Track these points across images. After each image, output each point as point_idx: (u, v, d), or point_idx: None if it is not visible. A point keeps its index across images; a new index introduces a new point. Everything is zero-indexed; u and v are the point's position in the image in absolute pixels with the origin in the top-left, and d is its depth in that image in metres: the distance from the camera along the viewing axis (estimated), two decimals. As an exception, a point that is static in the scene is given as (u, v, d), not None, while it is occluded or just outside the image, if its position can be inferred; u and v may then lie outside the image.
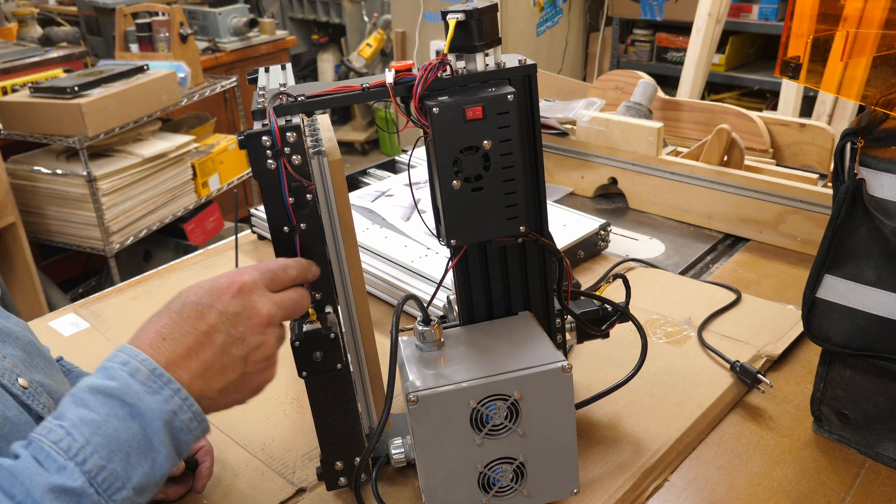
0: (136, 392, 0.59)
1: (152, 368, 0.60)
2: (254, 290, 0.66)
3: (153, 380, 0.60)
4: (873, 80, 0.85)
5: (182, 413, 0.61)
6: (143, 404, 0.59)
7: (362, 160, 5.10)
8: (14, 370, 0.70)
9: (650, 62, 3.90)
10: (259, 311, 0.66)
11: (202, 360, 0.63)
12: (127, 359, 0.60)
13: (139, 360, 0.60)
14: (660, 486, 0.86)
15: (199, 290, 0.65)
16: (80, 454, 0.56)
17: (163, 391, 0.60)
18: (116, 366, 0.60)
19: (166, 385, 0.60)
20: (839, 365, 0.87)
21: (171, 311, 0.64)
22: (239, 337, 0.65)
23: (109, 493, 0.56)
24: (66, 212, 2.71)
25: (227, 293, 0.65)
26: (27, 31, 3.63)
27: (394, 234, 1.37)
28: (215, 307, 0.64)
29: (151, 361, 0.60)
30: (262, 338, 0.66)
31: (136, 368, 0.60)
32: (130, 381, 0.59)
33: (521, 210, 0.76)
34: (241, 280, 0.66)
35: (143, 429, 0.59)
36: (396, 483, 0.87)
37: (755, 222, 1.39)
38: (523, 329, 0.83)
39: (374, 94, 0.74)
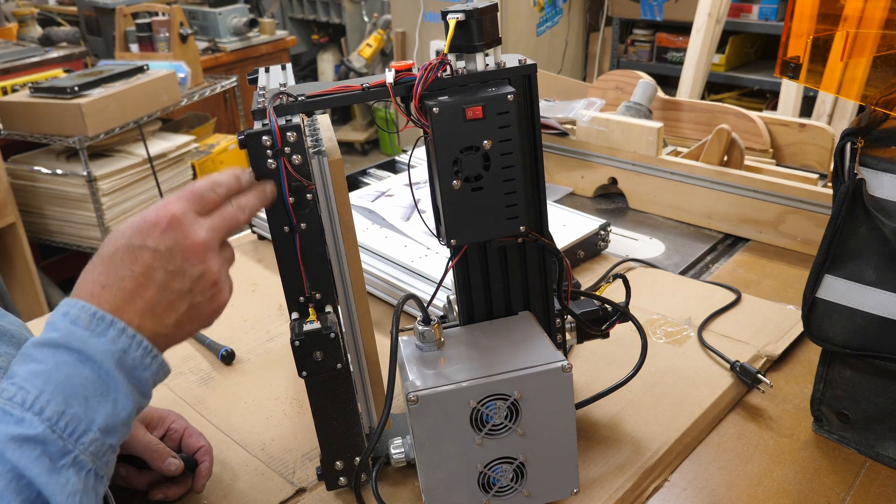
0: (81, 338, 0.58)
1: (92, 313, 0.59)
2: (183, 219, 0.63)
3: (95, 323, 0.59)
4: (873, 80, 0.85)
5: (132, 350, 0.60)
6: (89, 348, 0.58)
7: (362, 160, 5.10)
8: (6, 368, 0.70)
9: (650, 62, 3.90)
10: (193, 240, 0.63)
11: (146, 299, 0.62)
12: (66, 309, 0.60)
13: (78, 308, 0.60)
14: (660, 486, 0.86)
15: (126, 230, 0.63)
16: (36, 404, 0.55)
17: (107, 332, 0.59)
18: (57, 318, 0.60)
19: (110, 326, 0.60)
20: (839, 365, 0.87)
21: (104, 257, 0.62)
22: (177, 271, 0.63)
23: (75, 436, 0.56)
24: (66, 212, 2.71)
25: (157, 229, 0.63)
26: (27, 31, 3.63)
27: (394, 234, 1.37)
28: (147, 246, 0.62)
29: (90, 307, 0.60)
30: (203, 266, 0.64)
31: (76, 316, 0.59)
32: (72, 328, 0.59)
33: (521, 210, 0.76)
34: (169, 212, 0.63)
35: (95, 372, 0.58)
36: (396, 483, 0.87)
37: (755, 222, 1.39)
38: (523, 329, 0.83)
39: (374, 94, 0.74)
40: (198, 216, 0.65)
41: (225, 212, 0.67)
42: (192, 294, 0.64)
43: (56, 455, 0.55)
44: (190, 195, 0.65)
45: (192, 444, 0.88)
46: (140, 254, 0.62)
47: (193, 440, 0.88)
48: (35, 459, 0.54)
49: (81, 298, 0.61)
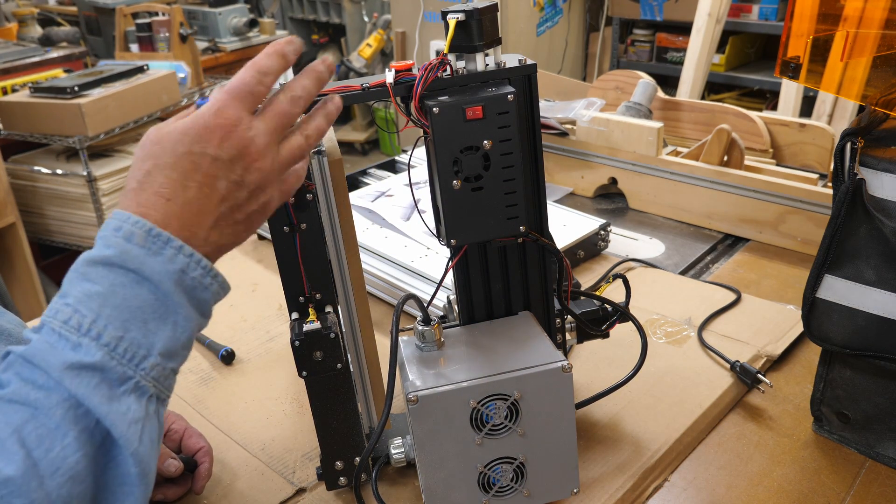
0: (136, 256, 0.55)
1: (147, 230, 0.56)
2: (240, 124, 0.59)
3: (151, 241, 0.56)
4: (873, 80, 0.85)
5: (191, 270, 0.57)
6: (146, 268, 0.55)
7: (362, 160, 5.10)
8: None
9: (650, 62, 3.90)
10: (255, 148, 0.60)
11: (210, 212, 0.58)
12: (119, 224, 0.56)
13: (131, 223, 0.56)
14: (660, 486, 0.86)
15: (182, 137, 0.59)
16: (93, 329, 0.53)
17: (164, 251, 0.56)
18: (109, 234, 0.56)
19: (166, 244, 0.56)
20: (839, 365, 0.87)
21: (164, 165, 0.58)
22: (239, 181, 0.60)
23: (135, 362, 0.54)
24: (66, 212, 2.71)
25: (216, 135, 0.59)
26: (27, 31, 3.63)
27: (394, 234, 1.37)
28: (207, 153, 0.58)
29: (144, 222, 0.56)
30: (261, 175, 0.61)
31: (130, 232, 0.55)
32: (127, 245, 0.55)
33: (521, 210, 0.76)
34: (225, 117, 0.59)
35: (153, 293, 0.55)
36: (396, 483, 0.87)
37: (755, 222, 1.39)
38: (523, 329, 0.83)
39: (374, 93, 0.74)
40: (251, 116, 0.61)
41: (278, 108, 0.62)
42: (248, 203, 0.61)
43: (116, 382, 0.53)
44: (239, 92, 0.60)
45: (192, 445, 0.88)
46: (201, 161, 0.58)
47: (193, 441, 0.88)
48: (94, 388, 0.52)
49: (141, 211, 0.56)
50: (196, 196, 0.58)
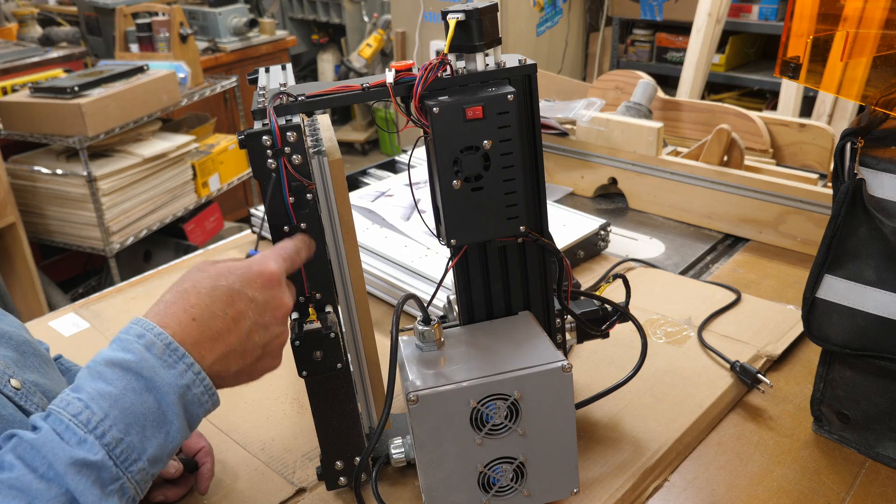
0: (152, 366, 0.60)
1: (167, 343, 0.61)
2: (280, 280, 0.68)
3: (168, 354, 0.61)
4: (873, 80, 0.85)
5: (195, 387, 0.62)
6: (158, 378, 0.60)
7: (362, 160, 5.10)
8: (6, 371, 0.70)
9: (650, 62, 3.90)
10: (284, 302, 0.68)
11: (227, 343, 0.64)
12: (142, 332, 0.61)
13: (154, 334, 0.61)
14: (660, 486, 0.86)
15: (228, 274, 0.66)
16: (100, 427, 0.57)
17: (177, 365, 0.61)
18: (132, 338, 0.61)
19: (181, 360, 0.61)
20: (839, 365, 0.87)
21: (201, 291, 0.65)
22: (264, 325, 0.66)
23: (126, 464, 0.57)
24: (66, 212, 2.71)
25: (258, 281, 0.66)
26: (27, 31, 3.63)
27: (394, 234, 1.37)
28: (245, 294, 0.65)
29: (166, 335, 0.61)
30: (283, 328, 0.69)
31: (151, 342, 0.61)
32: (146, 354, 0.60)
33: (521, 210, 0.76)
34: (270, 270, 0.67)
35: (157, 402, 0.60)
36: (396, 483, 0.87)
37: (755, 222, 1.39)
38: (523, 329, 0.83)
39: (374, 93, 0.74)
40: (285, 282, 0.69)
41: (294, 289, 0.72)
42: (263, 350, 0.67)
43: (107, 481, 0.56)
44: (284, 254, 0.69)
45: (193, 446, 0.88)
46: (237, 299, 0.65)
47: (193, 441, 0.88)
48: (90, 485, 0.55)
49: (165, 323, 0.62)
50: (221, 326, 0.64)
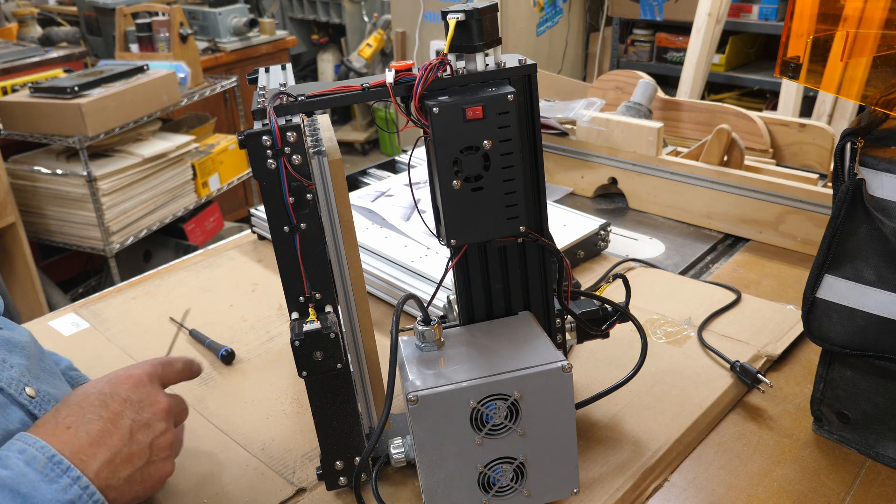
0: (31, 481, 0.56)
1: (50, 456, 0.58)
2: (150, 381, 0.68)
3: (50, 468, 0.57)
4: (873, 80, 0.85)
5: (81, 501, 0.58)
6: (38, 494, 0.56)
7: (362, 160, 5.10)
8: (21, 379, 0.68)
9: (650, 62, 3.90)
10: (159, 399, 0.68)
11: (110, 446, 0.61)
12: (23, 446, 0.58)
13: (36, 448, 0.58)
14: (660, 486, 0.86)
15: (96, 383, 0.66)
16: None
17: (60, 479, 0.57)
18: (12, 454, 0.57)
19: (64, 473, 0.58)
20: (839, 365, 0.87)
21: (71, 403, 0.63)
22: (145, 422, 0.65)
23: None
24: (66, 212, 2.71)
25: (128, 382, 0.66)
26: (27, 31, 3.63)
27: (394, 234, 1.37)
28: (118, 394, 0.65)
29: (49, 448, 0.58)
30: (166, 424, 0.67)
31: (32, 456, 0.57)
32: (26, 469, 0.56)
33: (521, 210, 0.76)
34: (137, 372, 0.68)
35: None
36: (396, 483, 0.87)
37: (755, 222, 1.39)
38: (523, 329, 0.83)
39: (374, 93, 0.74)
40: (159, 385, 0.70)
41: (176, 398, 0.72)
42: (150, 450, 0.66)
43: None
44: (154, 361, 0.71)
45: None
46: (111, 401, 0.64)
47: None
48: None
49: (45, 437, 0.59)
50: (99, 427, 0.62)
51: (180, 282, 1.38)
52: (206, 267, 1.43)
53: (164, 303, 1.31)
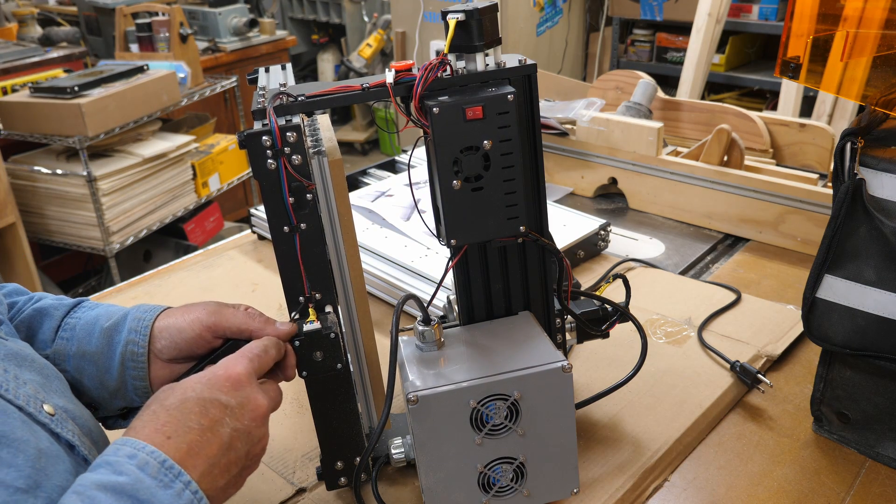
0: (148, 487, 0.55)
1: (161, 461, 0.57)
2: (249, 380, 0.66)
3: (163, 473, 0.56)
4: (873, 80, 0.85)
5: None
6: (156, 501, 0.55)
7: (362, 160, 5.10)
8: (37, 396, 0.65)
9: (650, 62, 3.90)
10: (259, 402, 0.65)
11: (208, 456, 0.60)
12: (133, 451, 0.56)
13: (146, 453, 0.57)
14: (660, 486, 0.86)
15: (195, 384, 0.63)
16: None
17: (174, 485, 0.56)
18: (123, 459, 0.56)
19: (177, 478, 0.57)
20: (839, 365, 0.87)
21: (170, 407, 0.61)
22: (245, 430, 0.63)
23: None
24: (66, 212, 2.71)
25: (226, 385, 0.64)
26: (27, 31, 3.63)
27: (394, 234, 1.37)
28: (218, 399, 0.62)
29: (159, 453, 0.57)
30: (263, 430, 0.65)
31: (144, 461, 0.56)
32: (140, 475, 0.55)
33: (521, 210, 0.76)
34: (237, 371, 0.65)
35: None
36: (396, 483, 0.87)
37: (755, 222, 1.39)
38: (523, 329, 0.83)
39: (374, 93, 0.74)
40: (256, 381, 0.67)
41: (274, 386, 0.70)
42: (246, 458, 0.64)
43: None
44: (250, 355, 0.68)
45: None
46: (211, 407, 0.61)
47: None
48: None
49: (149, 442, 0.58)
50: (197, 439, 0.60)
51: (180, 282, 1.38)
52: (206, 267, 1.43)
53: (164, 303, 1.30)
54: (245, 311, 0.77)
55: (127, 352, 0.76)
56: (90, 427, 0.70)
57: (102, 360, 0.76)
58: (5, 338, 0.70)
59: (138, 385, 0.77)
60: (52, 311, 0.80)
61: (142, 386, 0.77)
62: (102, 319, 0.79)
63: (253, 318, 0.76)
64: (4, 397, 0.60)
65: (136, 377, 0.76)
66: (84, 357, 0.77)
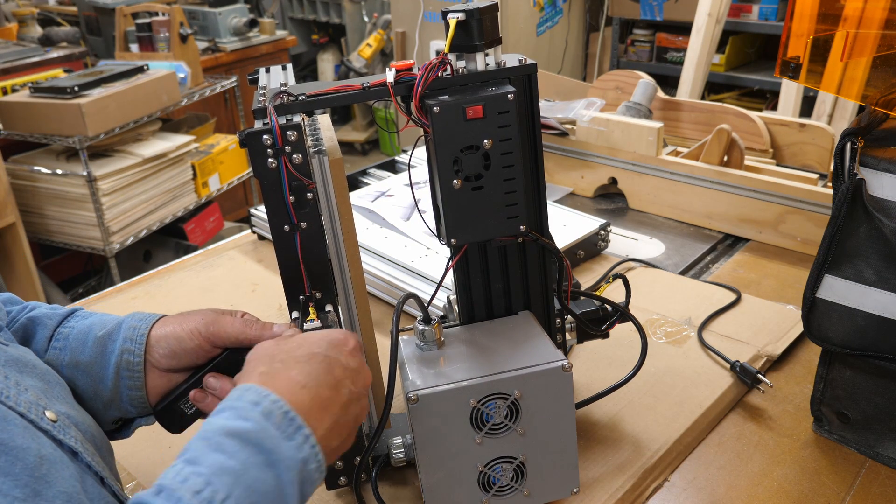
0: (273, 437, 0.55)
1: (285, 411, 0.57)
2: (360, 350, 0.67)
3: (287, 423, 0.57)
4: (873, 80, 0.86)
5: (311, 462, 0.57)
6: (280, 451, 0.55)
7: (362, 160, 5.10)
8: (39, 403, 0.64)
9: (650, 62, 3.90)
10: (367, 372, 0.66)
11: (332, 413, 0.60)
12: (257, 398, 0.57)
13: (270, 401, 0.57)
14: (660, 486, 0.86)
15: (319, 341, 0.64)
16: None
17: (296, 437, 0.57)
18: (246, 405, 0.56)
19: (298, 431, 0.57)
20: (839, 365, 0.87)
21: (300, 359, 0.61)
22: (358, 395, 0.64)
23: None
24: (66, 212, 2.71)
25: (346, 348, 0.64)
26: (27, 31, 3.63)
27: (394, 234, 1.37)
28: (340, 361, 0.63)
29: (283, 402, 0.57)
30: (365, 399, 0.66)
31: (268, 410, 0.56)
32: (266, 423, 0.56)
33: (521, 209, 0.76)
34: (352, 339, 0.66)
35: (277, 479, 0.55)
36: (396, 483, 0.87)
37: (755, 222, 1.39)
38: (523, 328, 0.83)
39: (374, 93, 0.74)
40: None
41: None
42: (354, 422, 0.64)
43: None
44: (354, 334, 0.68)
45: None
46: (335, 366, 0.62)
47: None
48: None
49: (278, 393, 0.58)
50: (327, 394, 0.60)
51: (180, 282, 1.38)
52: (206, 267, 1.43)
53: (164, 303, 1.31)
54: (242, 319, 0.76)
55: (122, 361, 0.74)
56: (93, 433, 0.69)
57: (96, 369, 0.75)
58: (6, 343, 0.69)
59: (134, 395, 0.75)
60: (46, 321, 0.79)
61: (138, 396, 0.75)
62: (96, 328, 0.77)
63: (250, 325, 0.75)
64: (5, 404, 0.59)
65: (132, 387, 0.75)
66: (77, 367, 0.75)
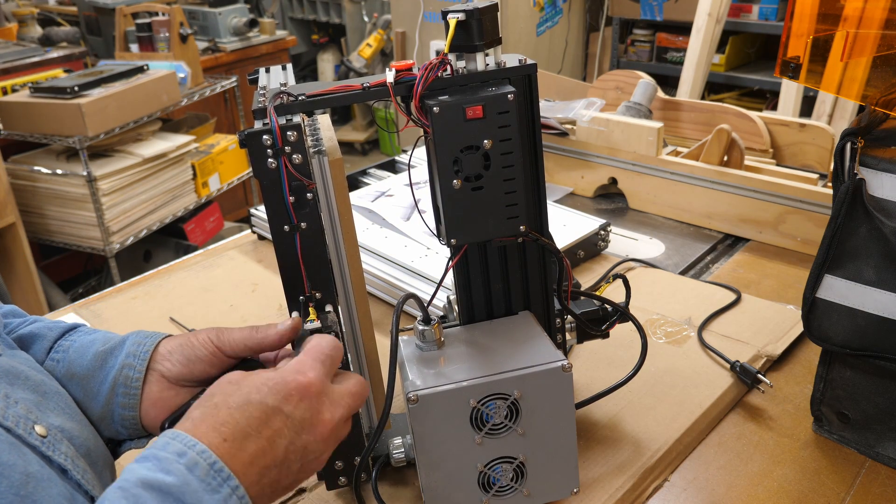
0: (195, 490, 0.53)
1: (211, 462, 0.55)
2: (320, 391, 0.62)
3: (212, 476, 0.54)
4: (873, 80, 0.86)
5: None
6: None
7: (362, 160, 5.10)
8: (29, 416, 0.62)
9: (650, 62, 3.90)
10: (324, 420, 0.62)
11: (261, 467, 0.58)
12: (182, 449, 0.55)
13: (196, 452, 0.55)
14: (660, 486, 0.86)
15: (261, 386, 0.60)
16: None
17: (222, 489, 0.54)
18: (171, 457, 0.54)
19: (225, 482, 0.55)
20: (839, 365, 0.87)
21: (231, 406, 0.59)
22: (302, 446, 0.61)
23: None
24: (66, 212, 2.71)
25: (294, 397, 0.61)
26: (27, 31, 3.63)
27: (394, 234, 1.37)
28: (282, 410, 0.60)
29: (210, 454, 0.55)
30: (323, 448, 0.63)
31: (193, 462, 0.54)
32: (189, 477, 0.53)
33: (521, 210, 0.76)
34: (308, 379, 0.62)
35: None
36: (396, 483, 0.87)
37: (755, 222, 1.39)
38: (523, 329, 0.83)
39: (374, 93, 0.74)
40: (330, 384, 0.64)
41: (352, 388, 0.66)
42: (298, 473, 0.62)
43: None
44: (322, 357, 0.64)
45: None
46: (273, 417, 0.59)
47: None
48: None
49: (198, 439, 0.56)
50: (255, 448, 0.58)
51: (180, 282, 1.38)
52: (206, 267, 1.43)
53: (164, 303, 1.31)
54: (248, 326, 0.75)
55: (121, 376, 0.73)
56: (89, 447, 0.67)
57: (92, 383, 0.73)
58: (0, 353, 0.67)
59: (126, 415, 0.73)
60: (46, 333, 0.77)
61: (130, 416, 0.73)
62: (98, 343, 0.76)
63: (255, 328, 0.74)
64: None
65: (126, 405, 0.73)
66: (72, 380, 0.74)
